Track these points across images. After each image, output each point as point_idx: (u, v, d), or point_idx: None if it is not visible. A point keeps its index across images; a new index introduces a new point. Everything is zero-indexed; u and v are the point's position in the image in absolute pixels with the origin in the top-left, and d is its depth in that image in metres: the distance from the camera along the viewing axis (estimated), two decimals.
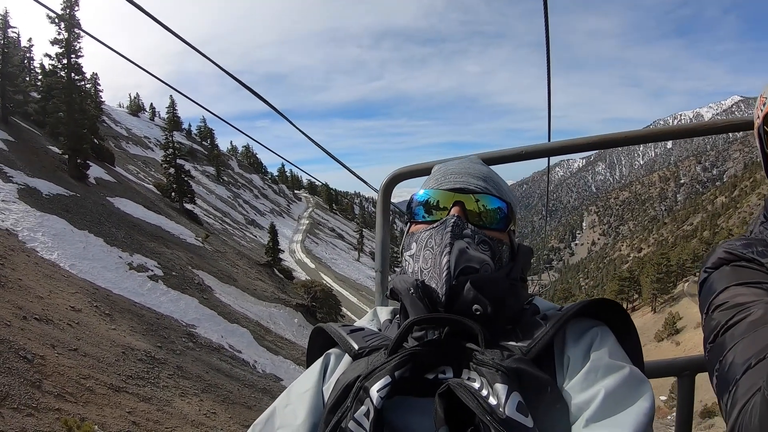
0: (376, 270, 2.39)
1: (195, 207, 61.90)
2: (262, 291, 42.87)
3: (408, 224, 1.46)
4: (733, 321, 1.18)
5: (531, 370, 1.11)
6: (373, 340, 1.36)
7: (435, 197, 1.41)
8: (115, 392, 14.68)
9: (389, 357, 1.20)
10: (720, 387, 1.14)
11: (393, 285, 1.40)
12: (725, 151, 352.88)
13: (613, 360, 1.13)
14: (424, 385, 1.17)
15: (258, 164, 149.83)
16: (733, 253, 1.35)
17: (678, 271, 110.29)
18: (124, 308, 23.46)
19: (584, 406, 1.07)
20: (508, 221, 1.40)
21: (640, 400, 1.05)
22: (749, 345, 1.10)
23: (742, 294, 1.23)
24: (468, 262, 1.27)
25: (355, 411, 1.15)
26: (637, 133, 2.23)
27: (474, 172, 1.46)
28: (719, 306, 1.26)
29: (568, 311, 1.23)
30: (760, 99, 1.44)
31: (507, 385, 1.07)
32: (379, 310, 1.64)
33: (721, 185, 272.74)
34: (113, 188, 43.15)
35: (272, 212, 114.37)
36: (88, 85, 51.99)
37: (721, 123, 2.07)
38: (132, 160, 74.18)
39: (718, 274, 1.34)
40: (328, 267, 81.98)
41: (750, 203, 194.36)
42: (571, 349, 1.20)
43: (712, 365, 1.20)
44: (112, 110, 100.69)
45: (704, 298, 1.35)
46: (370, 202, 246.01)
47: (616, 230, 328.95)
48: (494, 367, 1.10)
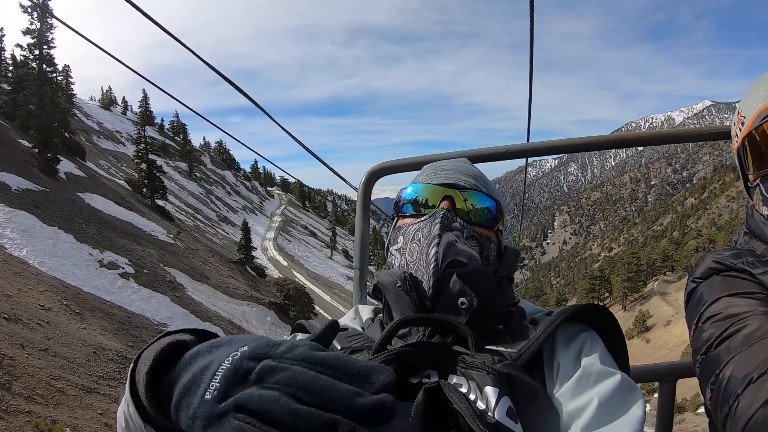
0: (354, 267, 2.34)
1: (167, 203, 61.35)
2: (235, 289, 42.58)
3: (395, 219, 1.47)
4: (728, 333, 1.18)
5: (521, 376, 1.09)
6: (356, 340, 1.33)
7: (424, 191, 1.41)
8: (86, 393, 14.45)
9: (373, 356, 1.16)
10: (717, 400, 1.12)
11: (377, 280, 1.37)
12: (695, 153, 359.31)
13: (604, 366, 1.12)
14: (407, 389, 1.10)
15: (231, 160, 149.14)
16: (723, 263, 1.35)
17: (648, 270, 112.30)
18: (95, 307, 23.05)
19: (576, 414, 1.05)
20: (497, 220, 1.41)
21: (633, 408, 1.04)
22: (748, 358, 1.09)
23: (736, 305, 1.23)
24: (456, 255, 1.26)
25: None
26: (624, 136, 2.30)
27: (464, 169, 1.47)
28: (711, 317, 1.25)
29: (558, 317, 1.21)
30: (738, 117, 1.45)
31: (498, 388, 1.04)
32: (360, 308, 1.63)
33: (690, 187, 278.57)
34: (84, 183, 42.52)
35: (245, 209, 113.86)
36: (60, 77, 51.19)
37: (706, 131, 2.12)
38: (103, 155, 73.10)
39: (708, 285, 1.34)
40: (300, 265, 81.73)
41: (719, 205, 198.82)
42: (561, 355, 1.18)
43: (707, 378, 1.19)
44: (83, 103, 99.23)
45: (693, 308, 1.35)
46: (343, 200, 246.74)
47: (588, 230, 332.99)
48: (485, 370, 1.07)
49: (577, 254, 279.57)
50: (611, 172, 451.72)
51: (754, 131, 1.34)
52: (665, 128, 2.40)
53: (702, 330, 1.26)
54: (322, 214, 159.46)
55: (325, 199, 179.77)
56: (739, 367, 1.10)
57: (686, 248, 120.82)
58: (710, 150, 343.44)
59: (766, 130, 1.30)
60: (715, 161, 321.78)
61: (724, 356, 1.15)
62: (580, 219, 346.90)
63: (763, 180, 1.34)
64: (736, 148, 1.46)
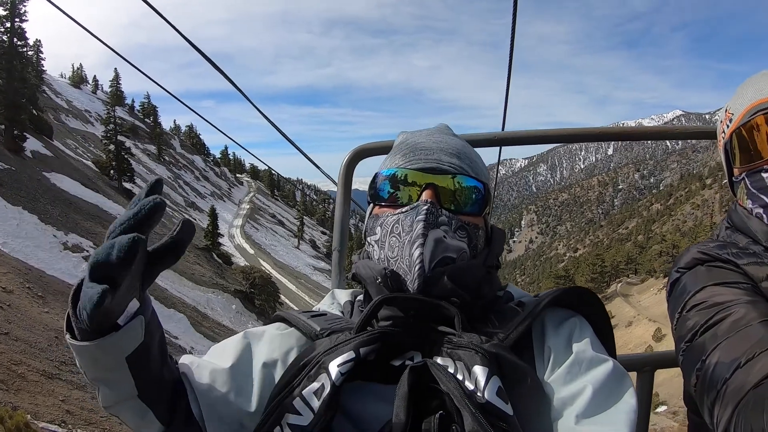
0: (333, 248, 2.27)
1: (134, 186, 60.29)
2: (200, 276, 42.29)
3: (371, 204, 1.35)
4: (714, 320, 1.19)
5: (511, 357, 1.06)
6: (336, 323, 1.27)
7: (403, 176, 1.28)
8: (48, 379, 14.22)
9: (356, 335, 1.13)
10: (704, 386, 1.15)
11: (356, 270, 1.31)
12: (663, 161, 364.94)
13: (596, 353, 1.11)
14: (389, 372, 1.10)
15: (201, 145, 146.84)
16: (708, 254, 1.37)
17: (612, 272, 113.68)
18: (58, 290, 22.63)
19: (569, 400, 1.03)
20: (485, 204, 1.30)
21: (626, 395, 1.04)
22: (735, 344, 1.11)
23: (721, 294, 1.24)
24: (445, 251, 1.18)
25: (303, 388, 1.08)
26: (606, 130, 2.33)
27: (446, 147, 1.32)
28: (696, 305, 1.27)
29: (545, 298, 1.19)
30: (725, 115, 1.48)
31: (487, 368, 1.01)
32: (337, 293, 1.54)
33: (657, 193, 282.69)
34: (50, 163, 41.81)
35: (213, 195, 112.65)
36: (31, 52, 50.07)
37: (692, 129, 2.18)
38: (71, 135, 71.71)
39: (693, 275, 1.36)
40: (267, 253, 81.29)
41: (684, 212, 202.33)
42: (552, 339, 1.16)
43: (692, 364, 1.21)
44: (53, 80, 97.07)
45: (677, 298, 1.36)
46: (313, 190, 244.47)
47: (554, 230, 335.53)
48: (473, 349, 1.04)
49: (542, 253, 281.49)
50: (580, 175, 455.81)
51: (742, 127, 1.37)
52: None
53: (686, 318, 1.28)
54: (290, 203, 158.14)
55: (295, 188, 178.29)
56: (727, 352, 1.11)
57: (650, 252, 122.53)
58: (678, 158, 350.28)
59: (753, 126, 1.34)
60: (683, 169, 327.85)
61: (710, 343, 1.17)
62: (547, 219, 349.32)
63: (749, 174, 1.37)
64: (723, 144, 1.49)
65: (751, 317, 1.14)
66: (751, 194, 1.38)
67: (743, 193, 1.42)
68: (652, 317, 78.45)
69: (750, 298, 1.21)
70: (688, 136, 2.24)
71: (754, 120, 1.34)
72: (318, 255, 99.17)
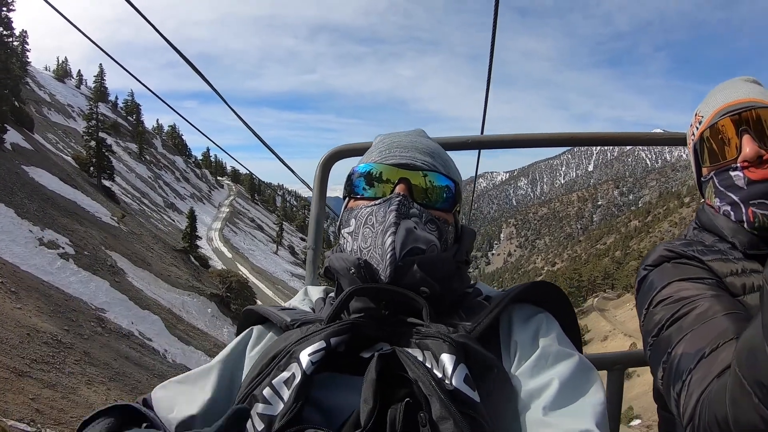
0: (308, 246, 2.33)
1: (113, 184, 59.97)
2: (177, 278, 41.88)
3: (347, 198, 1.38)
4: (679, 314, 1.23)
5: (477, 347, 1.06)
6: (306, 316, 1.29)
7: (378, 171, 1.32)
8: (18, 377, 14.01)
9: (326, 326, 1.13)
10: (670, 377, 1.18)
11: (329, 263, 1.32)
12: (642, 179, 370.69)
13: (562, 347, 1.12)
14: (358, 364, 1.09)
15: (183, 146, 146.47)
16: (674, 251, 1.42)
17: (588, 287, 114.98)
18: (32, 287, 22.40)
19: (537, 393, 1.03)
20: (455, 201, 1.34)
21: (592, 388, 1.04)
22: (700, 336, 1.14)
23: (686, 289, 1.28)
24: (415, 242, 1.20)
25: (273, 377, 1.07)
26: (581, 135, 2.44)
27: (421, 146, 1.38)
28: (662, 301, 1.31)
29: (512, 292, 1.22)
30: (695, 118, 1.54)
31: (454, 356, 1.01)
32: (310, 290, 1.56)
33: (635, 210, 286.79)
34: (30, 156, 41.32)
35: (193, 197, 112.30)
36: (16, 42, 49.50)
37: (664, 136, 2.30)
38: (52, 129, 70.98)
39: (659, 271, 1.40)
40: (245, 258, 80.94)
41: (662, 229, 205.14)
42: (518, 334, 1.17)
43: (658, 357, 1.24)
44: (37, 72, 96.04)
45: (644, 294, 1.40)
46: (293, 196, 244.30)
47: (533, 243, 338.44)
48: (440, 338, 1.05)
49: (521, 266, 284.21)
50: (560, 190, 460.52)
51: (710, 128, 1.43)
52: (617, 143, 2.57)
53: (653, 313, 1.31)
54: (270, 208, 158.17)
55: (275, 193, 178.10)
56: (692, 344, 1.14)
57: (627, 268, 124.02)
58: (657, 176, 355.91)
59: (719, 128, 1.40)
60: (661, 187, 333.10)
61: (676, 335, 1.20)
62: (526, 233, 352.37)
63: (717, 173, 1.42)
64: (692, 145, 1.55)
65: (716, 310, 1.18)
66: (719, 192, 1.42)
67: (711, 191, 1.47)
68: (627, 332, 79.29)
69: (714, 292, 1.25)
70: (659, 142, 2.38)
71: (721, 121, 1.40)
72: (296, 261, 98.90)
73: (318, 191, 2.32)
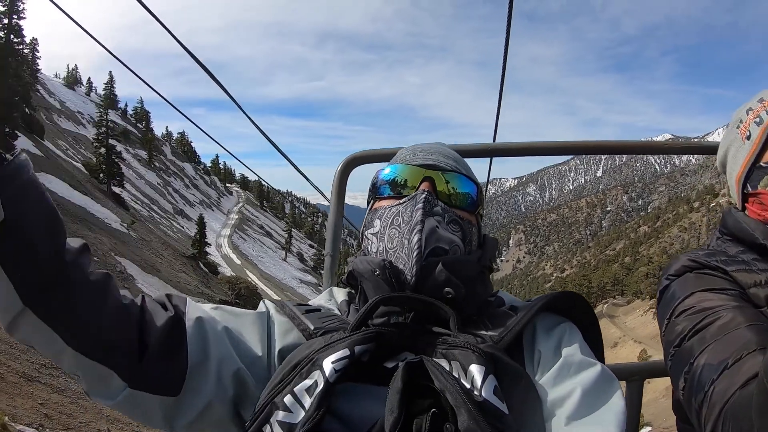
0: (326, 253, 2.32)
1: (123, 191, 60.32)
2: (186, 284, 42.02)
3: (371, 201, 1.39)
4: (702, 325, 1.20)
5: (505, 358, 1.06)
6: (330, 321, 1.26)
7: (403, 172, 1.34)
8: (27, 381, 14.00)
9: (351, 334, 1.10)
10: (692, 388, 1.15)
11: (353, 267, 1.30)
12: (652, 184, 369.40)
13: (584, 357, 1.11)
14: (382, 373, 1.06)
15: (192, 153, 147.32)
16: (697, 261, 1.38)
17: (598, 293, 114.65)
18: None
19: (559, 402, 1.03)
20: (478, 204, 1.36)
21: (614, 398, 1.03)
22: (723, 347, 1.11)
23: (709, 299, 1.25)
24: (437, 241, 1.20)
25: (295, 385, 1.04)
26: (599, 143, 2.41)
27: (443, 151, 1.41)
28: (685, 311, 1.28)
29: (538, 302, 1.20)
30: (762, 104, 1.43)
31: (484, 366, 1.00)
32: (335, 291, 1.52)
33: (645, 215, 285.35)
34: (40, 163, 41.55)
35: (202, 204, 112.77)
36: (27, 50, 49.85)
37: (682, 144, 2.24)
38: (62, 135, 71.52)
39: (682, 281, 1.36)
40: (254, 264, 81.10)
41: (671, 234, 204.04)
42: (542, 343, 1.16)
43: (680, 368, 1.21)
44: (47, 80, 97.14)
45: (666, 304, 1.37)
46: (302, 203, 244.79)
47: (542, 250, 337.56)
48: (469, 348, 1.04)
49: (529, 273, 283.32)
50: (569, 196, 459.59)
51: None
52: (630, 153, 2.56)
53: (675, 324, 1.28)
54: (279, 215, 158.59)
55: (284, 200, 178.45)
56: (714, 355, 1.12)
57: (637, 274, 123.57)
58: (666, 181, 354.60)
59: None
60: (671, 192, 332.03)
61: (698, 346, 1.17)
62: (535, 239, 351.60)
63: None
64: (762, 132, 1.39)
65: (739, 321, 1.16)
66: None
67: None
68: (637, 338, 78.83)
69: (737, 303, 1.22)
70: (680, 151, 2.31)
71: None
72: (305, 268, 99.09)
73: (336, 198, 2.31)
